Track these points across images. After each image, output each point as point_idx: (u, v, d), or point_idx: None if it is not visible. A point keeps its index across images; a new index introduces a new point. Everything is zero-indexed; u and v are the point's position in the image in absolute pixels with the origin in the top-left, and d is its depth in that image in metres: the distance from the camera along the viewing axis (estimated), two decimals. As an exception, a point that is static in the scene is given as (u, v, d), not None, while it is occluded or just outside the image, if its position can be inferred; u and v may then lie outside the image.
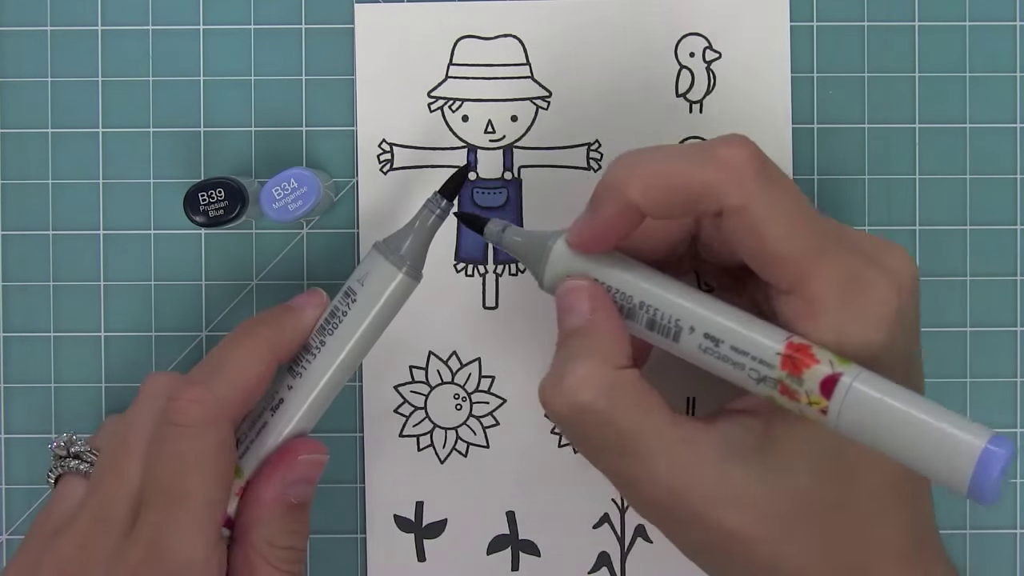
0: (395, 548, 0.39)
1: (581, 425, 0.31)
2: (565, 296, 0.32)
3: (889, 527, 0.30)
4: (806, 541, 0.30)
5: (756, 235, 0.29)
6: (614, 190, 0.30)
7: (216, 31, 0.39)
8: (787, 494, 0.30)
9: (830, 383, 0.27)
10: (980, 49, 0.39)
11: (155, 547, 0.31)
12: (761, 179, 0.29)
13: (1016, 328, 0.39)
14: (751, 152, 0.29)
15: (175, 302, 0.39)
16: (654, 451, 0.30)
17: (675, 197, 0.30)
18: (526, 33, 0.39)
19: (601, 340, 0.31)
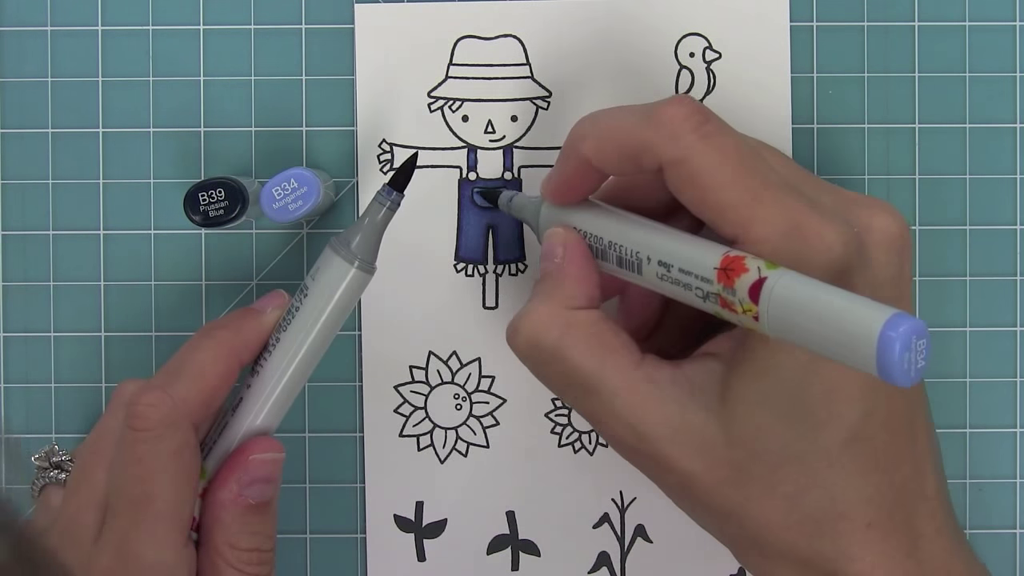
0: (395, 548, 0.39)
1: (538, 363, 0.33)
2: (545, 243, 0.34)
3: (852, 489, 0.30)
4: (765, 491, 0.30)
5: (696, 186, 0.30)
6: (572, 146, 0.33)
7: (216, 31, 0.39)
8: (745, 441, 0.30)
9: (756, 288, 0.27)
10: (980, 49, 0.39)
11: (122, 553, 0.31)
12: (699, 133, 0.30)
13: (1016, 328, 0.39)
14: (689, 109, 0.30)
15: (175, 302, 0.39)
16: (613, 389, 0.31)
17: (622, 154, 0.31)
18: (526, 33, 0.39)
19: (565, 282, 0.33)
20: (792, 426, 0.30)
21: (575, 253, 0.33)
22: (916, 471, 0.31)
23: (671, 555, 0.39)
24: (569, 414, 0.39)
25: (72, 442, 0.39)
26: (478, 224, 0.39)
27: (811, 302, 0.26)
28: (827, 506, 0.30)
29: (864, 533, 0.30)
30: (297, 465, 0.39)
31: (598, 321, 0.32)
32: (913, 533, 0.31)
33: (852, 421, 0.30)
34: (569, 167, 0.33)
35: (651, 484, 0.39)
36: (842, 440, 0.30)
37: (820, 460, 0.30)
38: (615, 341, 0.32)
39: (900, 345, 0.24)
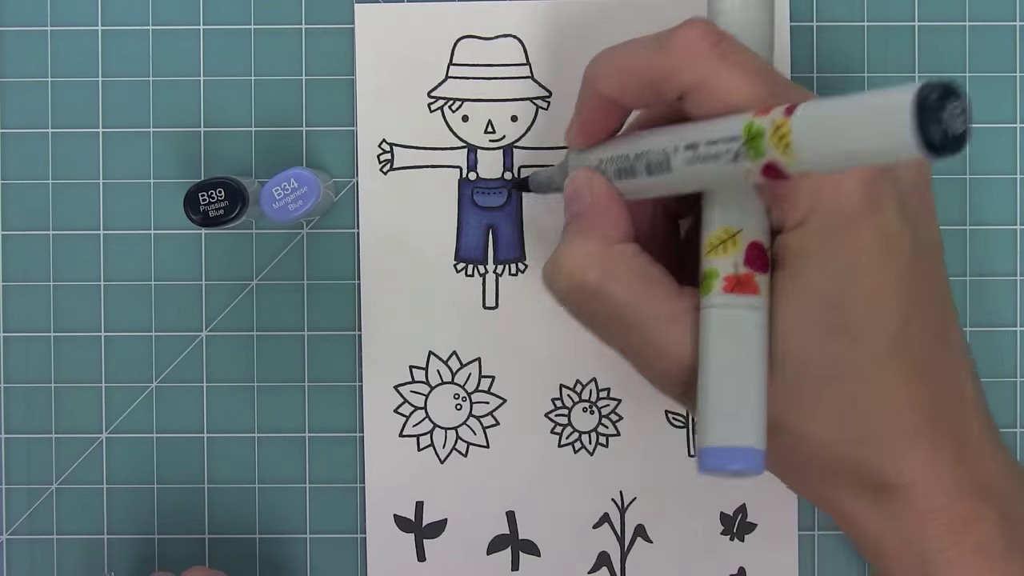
0: (395, 548, 0.39)
1: (581, 302, 0.32)
2: (568, 188, 0.33)
3: (895, 397, 0.30)
4: (813, 407, 0.30)
5: (721, 105, 0.30)
6: (588, 85, 0.32)
7: (216, 31, 0.39)
8: (789, 359, 0.30)
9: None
10: (980, 49, 0.39)
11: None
12: (716, 52, 0.30)
13: (1016, 328, 0.39)
14: (703, 30, 0.30)
15: (175, 302, 0.39)
16: (657, 321, 0.31)
17: (641, 84, 0.31)
18: (526, 33, 0.39)
19: (597, 218, 0.32)
20: (834, 340, 0.30)
21: (602, 189, 0.33)
22: (954, 375, 0.32)
23: (671, 555, 0.39)
24: (569, 414, 0.39)
25: (73, 442, 0.39)
26: (478, 224, 0.39)
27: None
28: (874, 417, 0.30)
29: (911, 441, 0.30)
30: (297, 465, 0.40)
31: (636, 254, 0.32)
32: (958, 438, 0.31)
33: (893, 329, 0.30)
34: (589, 107, 0.33)
35: (651, 484, 0.39)
36: (885, 349, 0.30)
37: (865, 371, 0.30)
38: (654, 273, 0.32)
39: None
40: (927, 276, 0.31)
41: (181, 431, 0.40)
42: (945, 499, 0.31)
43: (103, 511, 0.40)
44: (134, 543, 0.40)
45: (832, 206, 0.29)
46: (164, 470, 0.40)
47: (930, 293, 0.31)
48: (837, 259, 0.30)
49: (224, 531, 0.40)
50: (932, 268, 0.32)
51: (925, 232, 0.31)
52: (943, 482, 0.31)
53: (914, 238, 0.30)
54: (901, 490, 0.31)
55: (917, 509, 0.31)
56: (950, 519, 0.31)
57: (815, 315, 0.30)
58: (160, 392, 0.40)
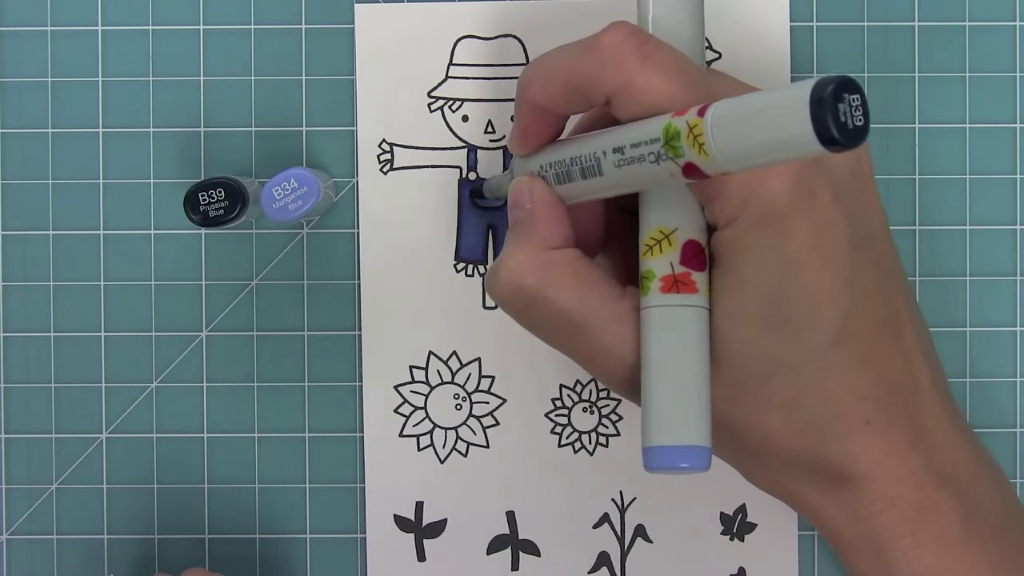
0: (395, 548, 0.39)
1: (521, 308, 0.32)
2: (510, 194, 0.33)
3: (842, 388, 0.30)
4: (761, 403, 0.30)
5: (643, 109, 0.29)
6: (520, 93, 0.33)
7: (216, 31, 0.39)
8: (734, 357, 0.30)
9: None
10: (980, 49, 0.39)
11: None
12: (638, 56, 0.30)
13: (1016, 328, 0.39)
14: (626, 33, 0.30)
15: (175, 302, 0.39)
16: (600, 324, 0.31)
17: (567, 90, 0.31)
18: (526, 33, 0.39)
19: (536, 225, 0.32)
20: (776, 334, 0.30)
21: (542, 195, 0.33)
22: (907, 363, 0.31)
23: (671, 555, 0.39)
24: (569, 414, 0.39)
25: (73, 442, 0.39)
26: (478, 224, 0.39)
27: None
28: (823, 409, 0.30)
29: (864, 431, 0.30)
30: (297, 465, 0.40)
31: (576, 258, 0.32)
32: (913, 426, 0.31)
33: (834, 320, 0.30)
34: (524, 115, 0.33)
35: (651, 484, 0.39)
36: (827, 340, 0.30)
37: (809, 364, 0.30)
38: (595, 276, 0.32)
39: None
40: (869, 264, 0.31)
41: (181, 431, 0.40)
42: (901, 487, 0.31)
43: (103, 511, 0.40)
44: (134, 543, 0.40)
45: (763, 200, 0.29)
46: (164, 470, 0.40)
47: (874, 281, 0.31)
48: (773, 253, 0.29)
49: (224, 531, 0.40)
50: (875, 255, 0.31)
51: (865, 219, 0.31)
52: (898, 471, 0.31)
53: (851, 226, 0.30)
54: (856, 479, 0.31)
55: (873, 498, 0.31)
56: (906, 507, 0.31)
57: (755, 310, 0.30)
58: (160, 392, 0.40)
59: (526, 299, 0.32)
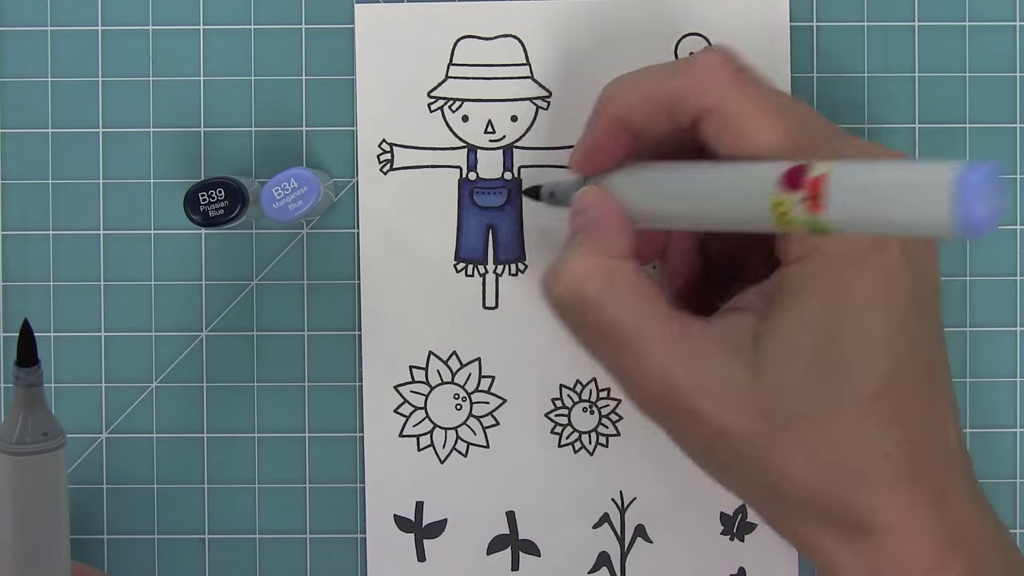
0: (395, 548, 0.39)
1: (577, 313, 0.32)
2: (576, 200, 0.33)
3: (878, 441, 0.30)
4: (796, 443, 0.30)
5: (733, 133, 0.30)
6: (601, 108, 0.32)
7: (216, 31, 0.39)
8: (777, 393, 0.30)
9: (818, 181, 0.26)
10: (980, 49, 0.39)
11: None
12: (735, 80, 0.30)
13: (1016, 328, 0.39)
14: (724, 56, 0.30)
15: (175, 302, 0.39)
16: (649, 342, 0.31)
17: (655, 107, 0.31)
18: (526, 33, 0.39)
19: (601, 233, 0.32)
20: (823, 378, 0.30)
21: (610, 205, 0.33)
22: (939, 424, 0.31)
23: (671, 555, 0.39)
24: (569, 414, 0.39)
25: (73, 442, 0.39)
26: (478, 224, 0.39)
27: (877, 172, 0.26)
28: (855, 458, 0.30)
29: (890, 485, 0.30)
30: (297, 465, 0.40)
31: (637, 273, 0.32)
32: (937, 485, 0.31)
33: (881, 372, 0.30)
34: (599, 129, 0.33)
35: (651, 484, 0.39)
36: (872, 392, 0.30)
37: (850, 412, 0.30)
38: (651, 293, 0.32)
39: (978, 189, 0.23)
40: (922, 321, 0.31)
41: (181, 431, 0.40)
42: (918, 545, 0.30)
43: (103, 511, 0.40)
44: (134, 543, 0.40)
45: (835, 244, 0.29)
46: (164, 470, 0.40)
47: (923, 338, 0.31)
48: (835, 297, 0.30)
49: (224, 531, 0.40)
50: (929, 313, 0.32)
51: (925, 275, 0.31)
52: (918, 529, 0.30)
53: (914, 281, 0.30)
54: (875, 532, 0.30)
55: (889, 553, 0.30)
56: (920, 565, 0.30)
57: (807, 352, 0.30)
58: (160, 392, 0.40)
59: (585, 306, 0.32)
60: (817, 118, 0.32)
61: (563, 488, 0.39)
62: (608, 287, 0.31)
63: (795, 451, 0.30)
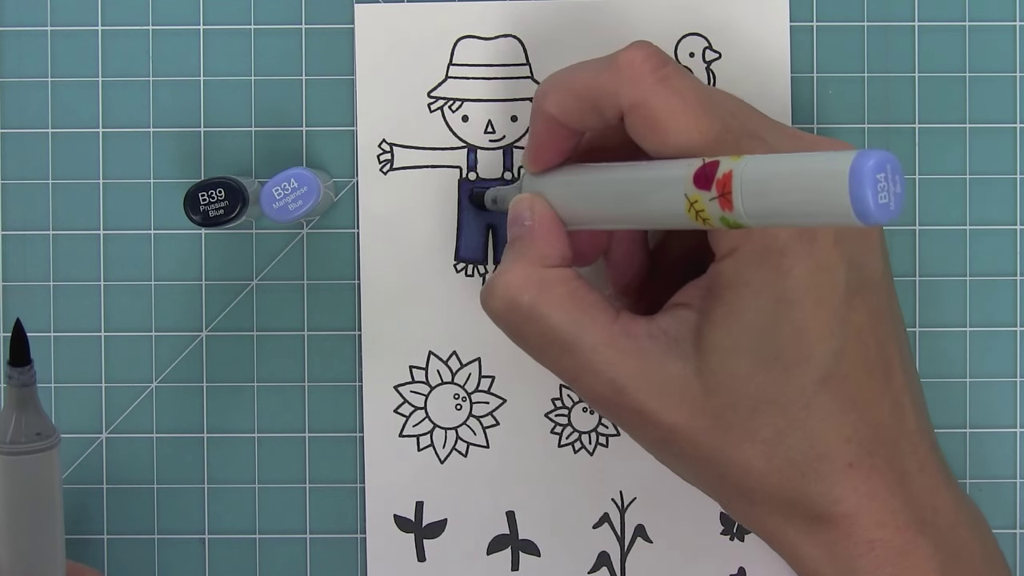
0: (395, 548, 0.39)
1: (515, 323, 0.32)
2: (511, 209, 0.34)
3: (830, 429, 0.30)
4: (745, 437, 0.30)
5: (656, 129, 0.30)
6: (536, 107, 0.33)
7: (216, 31, 0.39)
8: (721, 388, 0.30)
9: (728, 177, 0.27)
10: (980, 49, 0.39)
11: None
12: (657, 76, 0.30)
13: (1016, 328, 0.39)
14: (647, 53, 0.30)
15: (175, 302, 0.39)
16: (592, 346, 0.31)
17: (582, 104, 0.31)
18: (526, 33, 0.39)
19: (535, 242, 0.32)
20: (765, 370, 0.30)
21: (543, 214, 0.33)
22: (894, 408, 0.31)
23: (671, 555, 0.39)
24: (569, 414, 0.39)
25: (73, 442, 0.39)
26: (478, 224, 0.39)
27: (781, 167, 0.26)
28: (806, 448, 0.30)
29: (845, 473, 0.30)
30: (297, 465, 0.40)
31: (572, 279, 0.32)
32: (896, 471, 0.31)
33: (823, 361, 0.30)
34: (538, 129, 0.33)
35: (651, 484, 0.39)
36: (815, 380, 0.30)
37: (795, 402, 0.30)
38: (590, 297, 0.32)
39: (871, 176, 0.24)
40: (864, 308, 0.31)
41: (181, 431, 0.40)
42: (881, 531, 0.31)
43: (103, 511, 0.40)
44: (134, 543, 0.40)
45: (764, 236, 0.30)
46: (164, 470, 0.40)
47: (868, 326, 0.31)
48: (768, 288, 0.30)
49: (224, 531, 0.40)
50: (872, 300, 0.31)
51: (864, 264, 0.31)
52: (879, 514, 0.31)
53: (849, 270, 0.30)
54: (836, 521, 0.31)
55: (852, 540, 0.31)
56: (886, 551, 0.31)
57: (746, 344, 0.30)
58: (160, 392, 0.40)
59: (520, 316, 0.32)
60: (746, 112, 0.32)
61: (563, 488, 0.39)
62: (541, 296, 0.32)
63: (745, 444, 0.30)
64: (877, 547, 0.31)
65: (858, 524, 0.31)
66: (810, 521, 0.31)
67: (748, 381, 0.30)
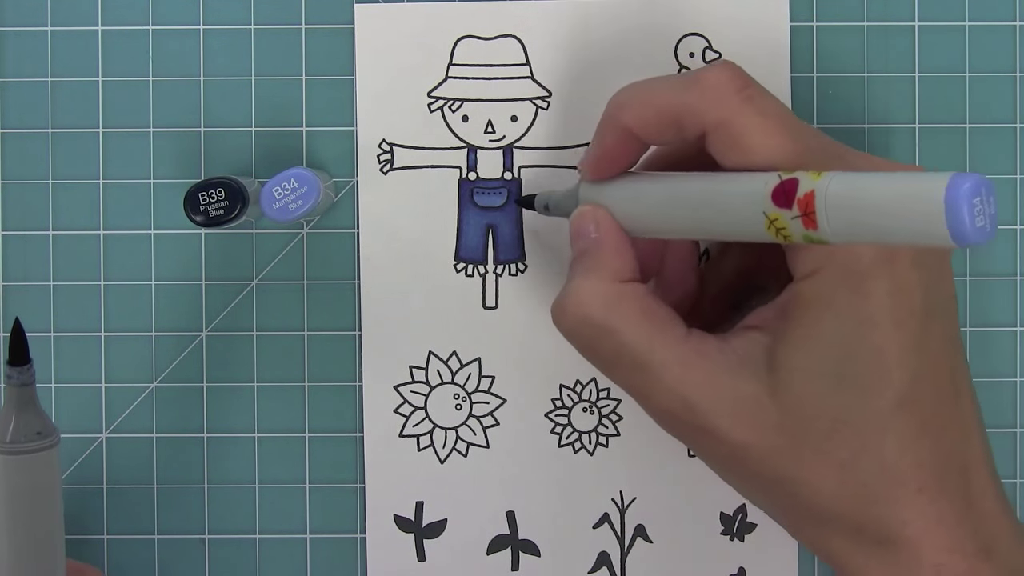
0: (395, 548, 0.39)
1: (588, 339, 0.32)
2: (573, 222, 0.34)
3: (904, 453, 0.30)
4: (818, 458, 0.30)
5: (740, 148, 0.30)
6: (611, 117, 0.33)
7: (216, 31, 0.39)
8: (796, 409, 0.30)
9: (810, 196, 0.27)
10: (980, 49, 0.39)
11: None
12: (742, 96, 0.30)
13: (1016, 328, 0.39)
14: (732, 73, 0.31)
15: (175, 302, 0.39)
16: (664, 363, 0.31)
17: (663, 119, 0.31)
18: (526, 33, 0.39)
19: (604, 257, 0.32)
20: (842, 392, 0.30)
21: (609, 227, 0.33)
22: (963, 434, 0.31)
23: (671, 555, 0.39)
24: (569, 414, 0.39)
25: (73, 442, 0.39)
26: (478, 224, 0.39)
27: (868, 187, 0.26)
28: (879, 471, 0.30)
29: (915, 498, 0.30)
30: (297, 465, 0.40)
31: (645, 295, 0.32)
32: (964, 497, 0.31)
33: (901, 384, 0.30)
34: (608, 138, 0.33)
35: (651, 484, 0.39)
36: (892, 404, 0.30)
37: (871, 425, 0.30)
38: (663, 314, 0.32)
39: (968, 198, 0.24)
40: (939, 333, 0.31)
41: (181, 431, 0.40)
42: (947, 556, 0.30)
43: (103, 511, 0.40)
44: (134, 543, 0.40)
45: (846, 257, 0.29)
46: (164, 470, 0.40)
47: (941, 349, 0.31)
48: (848, 311, 0.30)
49: (224, 531, 0.40)
50: (945, 324, 0.31)
51: (939, 287, 0.31)
52: (946, 540, 0.30)
53: (927, 293, 0.30)
54: (904, 545, 0.30)
55: (918, 565, 0.30)
56: (953, 574, 0.30)
57: (824, 365, 0.30)
58: (160, 392, 0.40)
59: (595, 331, 0.32)
60: (823, 137, 0.32)
61: (563, 488, 0.39)
62: (615, 312, 0.32)
63: (817, 465, 0.30)
64: (943, 572, 0.30)
65: (924, 548, 0.30)
66: (877, 544, 0.31)
67: (825, 402, 0.30)
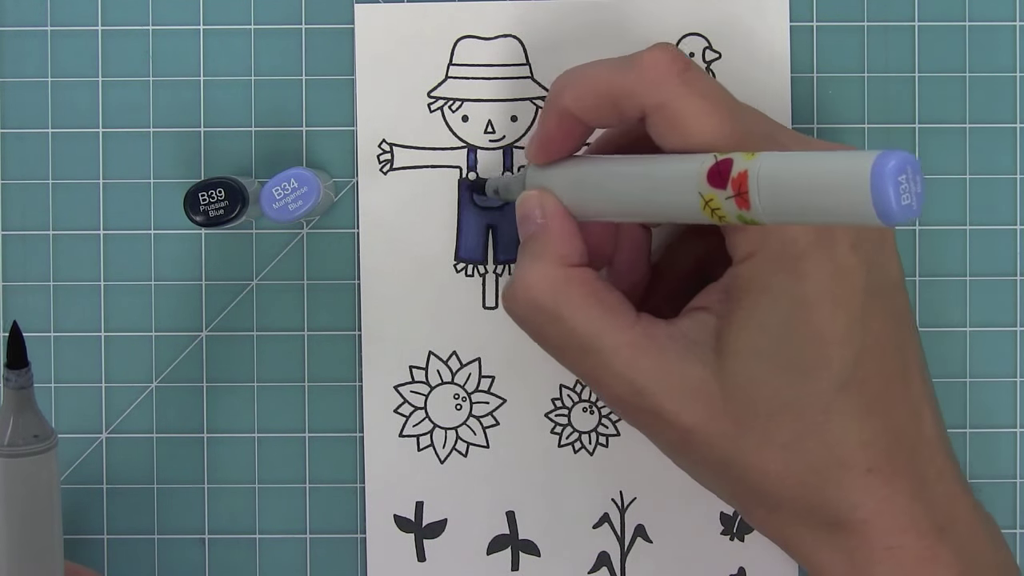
0: (395, 548, 0.39)
1: (538, 324, 0.32)
2: (520, 207, 0.34)
3: (848, 434, 0.30)
4: (763, 441, 0.30)
5: (678, 131, 0.30)
6: (553, 100, 0.33)
7: (216, 31, 0.39)
8: (741, 392, 0.30)
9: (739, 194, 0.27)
10: (980, 49, 0.39)
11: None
12: (681, 79, 0.30)
13: (1016, 328, 0.39)
14: (670, 54, 0.30)
15: (175, 302, 0.39)
16: (613, 347, 0.31)
17: (602, 102, 0.31)
18: (526, 33, 0.39)
19: (551, 242, 0.32)
20: (784, 374, 0.30)
21: (555, 211, 0.33)
22: (912, 414, 0.31)
23: (671, 555, 0.39)
24: (569, 414, 0.39)
25: (73, 442, 0.39)
26: (478, 224, 0.39)
27: (798, 166, 0.26)
28: (825, 454, 0.30)
29: (864, 479, 0.30)
30: (297, 465, 0.40)
31: (594, 279, 0.32)
32: (915, 477, 0.31)
33: (842, 365, 0.30)
34: (551, 121, 0.33)
35: (651, 484, 0.39)
36: (834, 386, 0.30)
37: (814, 407, 0.30)
38: (612, 299, 0.32)
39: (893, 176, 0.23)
40: (882, 311, 0.31)
41: (181, 431, 0.40)
42: (900, 538, 0.30)
43: (103, 511, 0.40)
44: (134, 543, 0.40)
45: (783, 239, 0.29)
46: (164, 470, 0.40)
47: (886, 330, 0.31)
48: (787, 293, 0.30)
49: (224, 531, 0.40)
50: (889, 303, 0.31)
51: (882, 266, 0.31)
52: (898, 521, 0.30)
53: (868, 272, 0.30)
54: (855, 527, 0.30)
55: (871, 547, 0.30)
56: (905, 558, 0.30)
57: (765, 348, 0.30)
58: (160, 392, 0.40)
59: (544, 316, 0.32)
60: (763, 118, 0.32)
61: (563, 488, 0.39)
62: (562, 296, 0.32)
63: (764, 449, 0.30)
64: (896, 554, 0.30)
65: (876, 530, 0.30)
66: (828, 527, 0.31)
67: (766, 385, 0.30)
